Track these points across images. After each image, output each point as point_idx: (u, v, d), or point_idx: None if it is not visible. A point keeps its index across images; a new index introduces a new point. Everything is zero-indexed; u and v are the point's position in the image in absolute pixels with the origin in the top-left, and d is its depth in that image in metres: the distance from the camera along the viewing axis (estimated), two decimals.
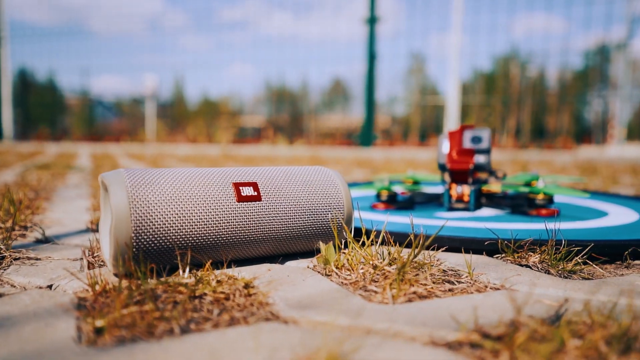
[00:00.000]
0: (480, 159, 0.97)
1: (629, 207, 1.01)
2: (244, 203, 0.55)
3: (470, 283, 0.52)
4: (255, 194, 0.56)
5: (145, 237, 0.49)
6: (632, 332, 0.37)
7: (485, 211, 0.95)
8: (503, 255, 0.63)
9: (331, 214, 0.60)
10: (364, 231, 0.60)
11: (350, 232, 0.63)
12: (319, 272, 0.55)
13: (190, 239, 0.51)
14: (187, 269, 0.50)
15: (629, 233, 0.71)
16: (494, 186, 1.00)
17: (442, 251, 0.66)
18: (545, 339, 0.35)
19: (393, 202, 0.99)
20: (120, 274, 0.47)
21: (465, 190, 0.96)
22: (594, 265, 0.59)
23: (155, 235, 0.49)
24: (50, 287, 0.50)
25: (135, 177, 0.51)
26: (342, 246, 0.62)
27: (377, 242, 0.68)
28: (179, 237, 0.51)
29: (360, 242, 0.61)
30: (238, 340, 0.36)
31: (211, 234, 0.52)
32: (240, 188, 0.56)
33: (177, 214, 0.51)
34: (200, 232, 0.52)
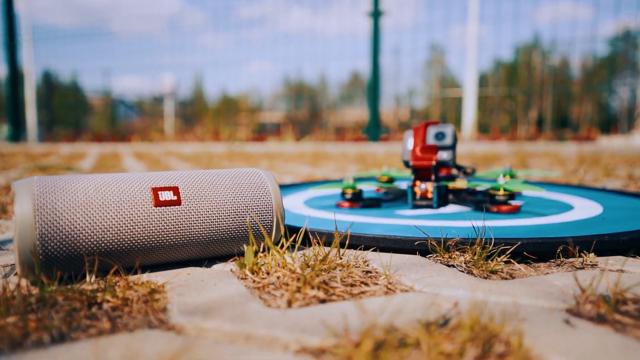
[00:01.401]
0: (443, 155, 0.96)
1: (599, 201, 0.99)
2: (162, 208, 0.55)
3: (384, 285, 0.52)
4: (175, 198, 0.56)
5: (52, 244, 0.49)
6: (497, 335, 0.36)
7: (449, 208, 0.94)
8: (435, 255, 0.63)
9: (250, 217, 0.60)
10: (282, 233, 0.60)
11: (272, 234, 0.62)
12: (238, 275, 0.55)
13: (103, 245, 0.52)
14: (94, 276, 0.50)
15: (574, 230, 0.69)
16: (459, 183, 0.99)
17: (372, 251, 0.65)
18: (404, 344, 0.35)
19: (358, 200, 0.98)
20: (18, 282, 0.48)
21: (429, 187, 0.95)
22: (516, 265, 0.58)
23: (64, 242, 0.50)
24: None
25: (44, 184, 0.52)
26: (261, 249, 0.62)
27: (296, 243, 0.67)
28: (89, 243, 0.51)
29: (279, 244, 0.61)
30: (103, 350, 0.36)
31: (125, 240, 0.53)
32: (159, 193, 0.56)
33: (88, 220, 0.51)
34: (113, 238, 0.52)
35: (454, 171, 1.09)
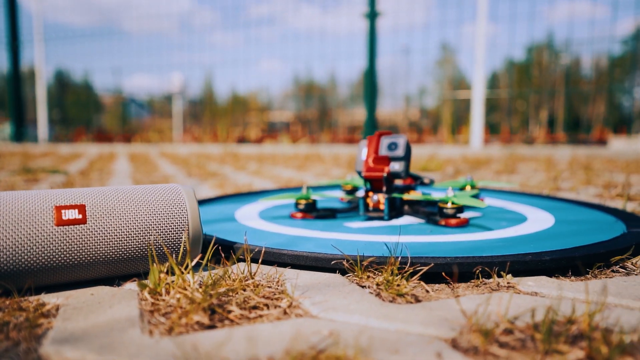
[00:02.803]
0: (395, 166, 0.94)
1: (556, 212, 0.96)
2: (64, 227, 0.54)
3: (284, 309, 0.51)
4: (80, 216, 0.55)
5: None
6: None
7: (402, 220, 0.92)
8: (354, 274, 0.61)
9: (153, 236, 0.59)
10: (181, 250, 0.59)
11: (179, 253, 0.61)
12: (140, 297, 0.54)
13: None
14: None
15: (508, 248, 0.67)
16: (413, 194, 0.97)
17: (292, 269, 0.64)
18: None
19: (312, 211, 0.97)
20: None
21: (381, 198, 0.93)
22: (426, 286, 0.57)
23: None
24: None
25: None
26: (165, 269, 0.60)
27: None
28: None
29: (185, 265, 0.60)
30: None
31: (22, 261, 0.52)
32: (63, 211, 0.55)
33: None
34: (7, 259, 0.51)
35: (410, 181, 1.07)
